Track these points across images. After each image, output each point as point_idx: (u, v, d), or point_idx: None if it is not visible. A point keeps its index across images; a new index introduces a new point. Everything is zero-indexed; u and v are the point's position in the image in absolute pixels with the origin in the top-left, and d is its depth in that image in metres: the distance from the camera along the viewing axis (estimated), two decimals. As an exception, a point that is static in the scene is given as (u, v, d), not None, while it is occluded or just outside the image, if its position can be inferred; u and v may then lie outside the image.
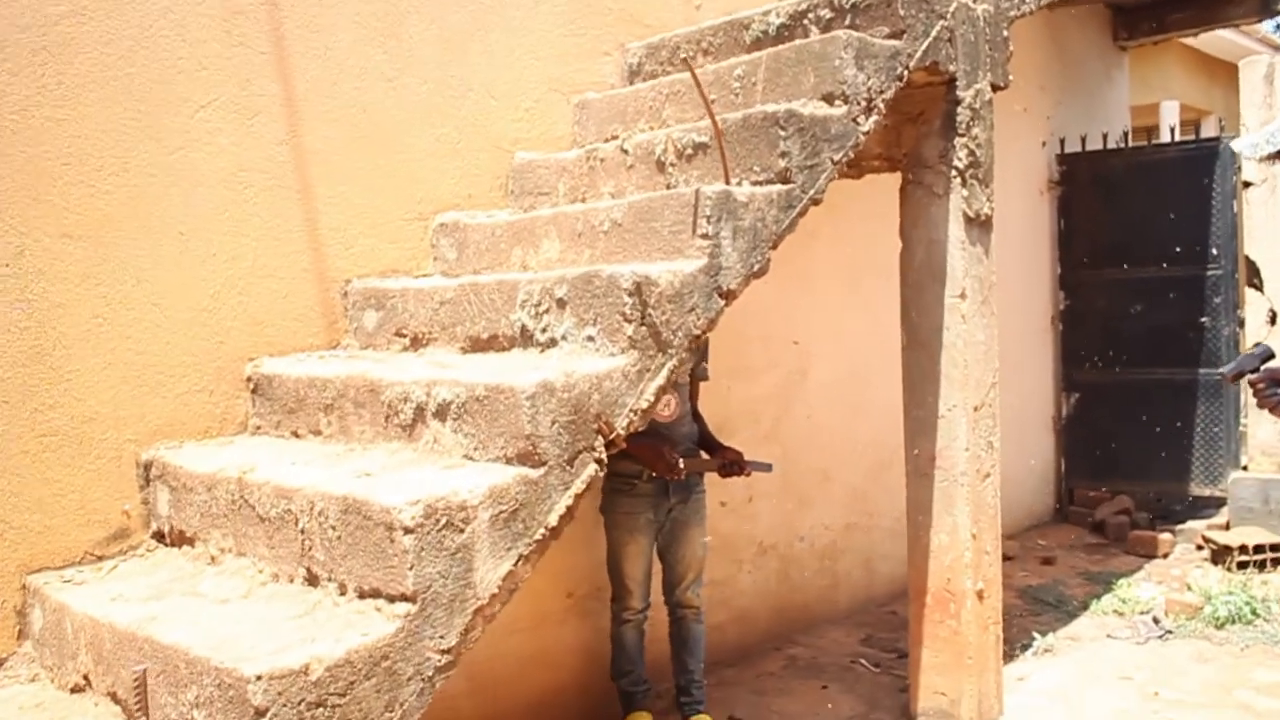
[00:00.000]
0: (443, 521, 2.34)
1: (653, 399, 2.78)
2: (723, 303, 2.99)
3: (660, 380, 2.80)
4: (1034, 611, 5.45)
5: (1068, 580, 5.91)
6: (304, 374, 3.18)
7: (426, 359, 3.21)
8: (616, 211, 3.21)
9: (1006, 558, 6.21)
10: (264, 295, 3.42)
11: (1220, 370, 3.46)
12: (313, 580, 2.56)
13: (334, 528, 2.48)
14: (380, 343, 3.48)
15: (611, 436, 2.70)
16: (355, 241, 3.64)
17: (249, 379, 3.37)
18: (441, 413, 2.73)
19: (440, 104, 3.87)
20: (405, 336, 3.39)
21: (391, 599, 2.35)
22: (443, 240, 3.80)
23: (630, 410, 2.73)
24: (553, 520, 2.56)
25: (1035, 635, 5.05)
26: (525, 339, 3.00)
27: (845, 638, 5.22)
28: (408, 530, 2.30)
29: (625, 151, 3.63)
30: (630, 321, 2.74)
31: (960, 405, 4.05)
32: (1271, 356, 3.30)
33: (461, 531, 2.38)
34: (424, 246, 3.82)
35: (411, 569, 2.30)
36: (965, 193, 3.99)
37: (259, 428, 3.36)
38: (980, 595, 4.11)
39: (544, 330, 2.95)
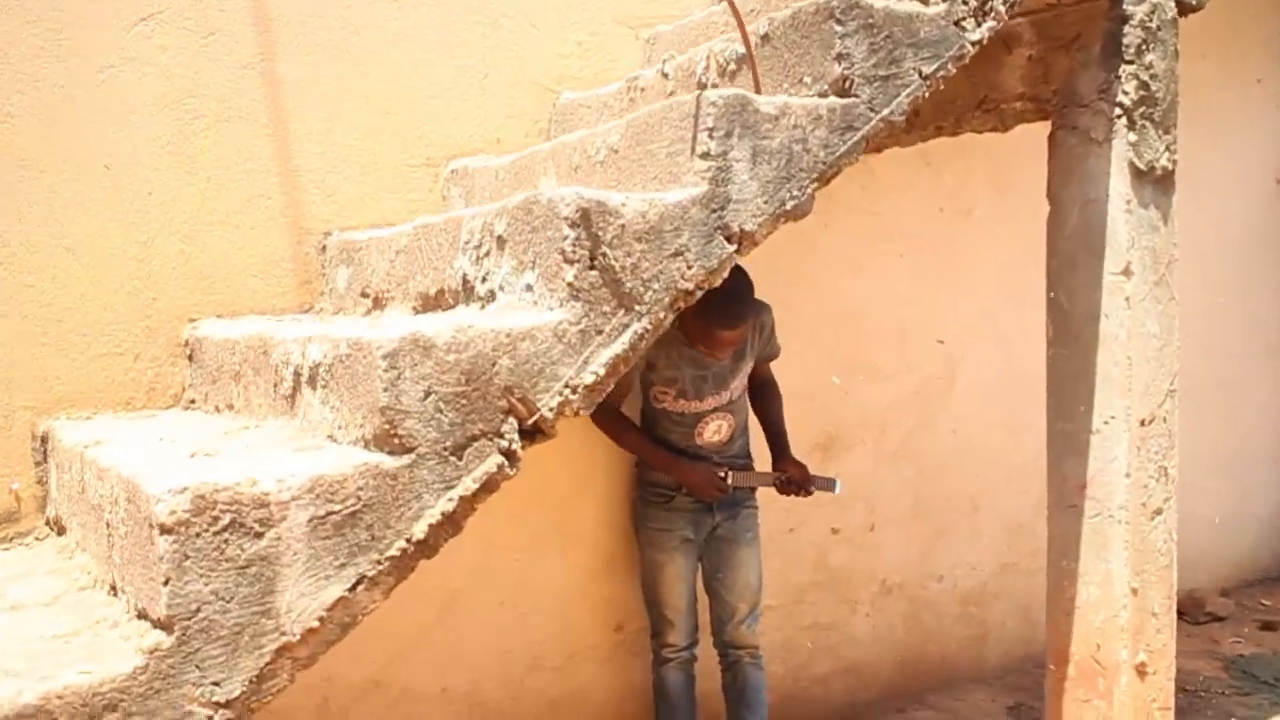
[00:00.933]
0: (224, 521, 1.64)
1: (603, 372, 1.99)
2: (731, 248, 2.17)
3: (618, 349, 2.01)
4: (1241, 689, 4.28)
5: (1294, 653, 4.68)
6: (223, 337, 2.57)
7: (379, 324, 2.53)
8: (614, 135, 2.45)
9: (1216, 618, 5.02)
10: (214, 245, 2.85)
11: None
12: (115, 589, 1.92)
13: (124, 523, 1.83)
14: (349, 304, 2.83)
15: (532, 420, 1.93)
16: (339, 188, 3.02)
17: (186, 343, 2.79)
18: (313, 378, 2.04)
19: (462, 30, 3.20)
20: (369, 296, 2.73)
21: (155, 624, 1.66)
22: (453, 189, 3.13)
23: (566, 386, 1.96)
24: (419, 531, 1.81)
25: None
26: (467, 292, 2.28)
27: (989, 702, 4.21)
28: (165, 530, 1.61)
29: (665, 75, 2.87)
30: (572, 263, 1.97)
31: (1121, 417, 3.04)
32: None
33: (259, 537, 1.67)
34: (433, 197, 3.16)
35: (167, 584, 1.61)
36: (1133, 137, 2.99)
37: (192, 401, 2.77)
38: (1141, 670, 3.08)
39: (484, 279, 2.21)
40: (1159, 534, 3.11)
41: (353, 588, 1.75)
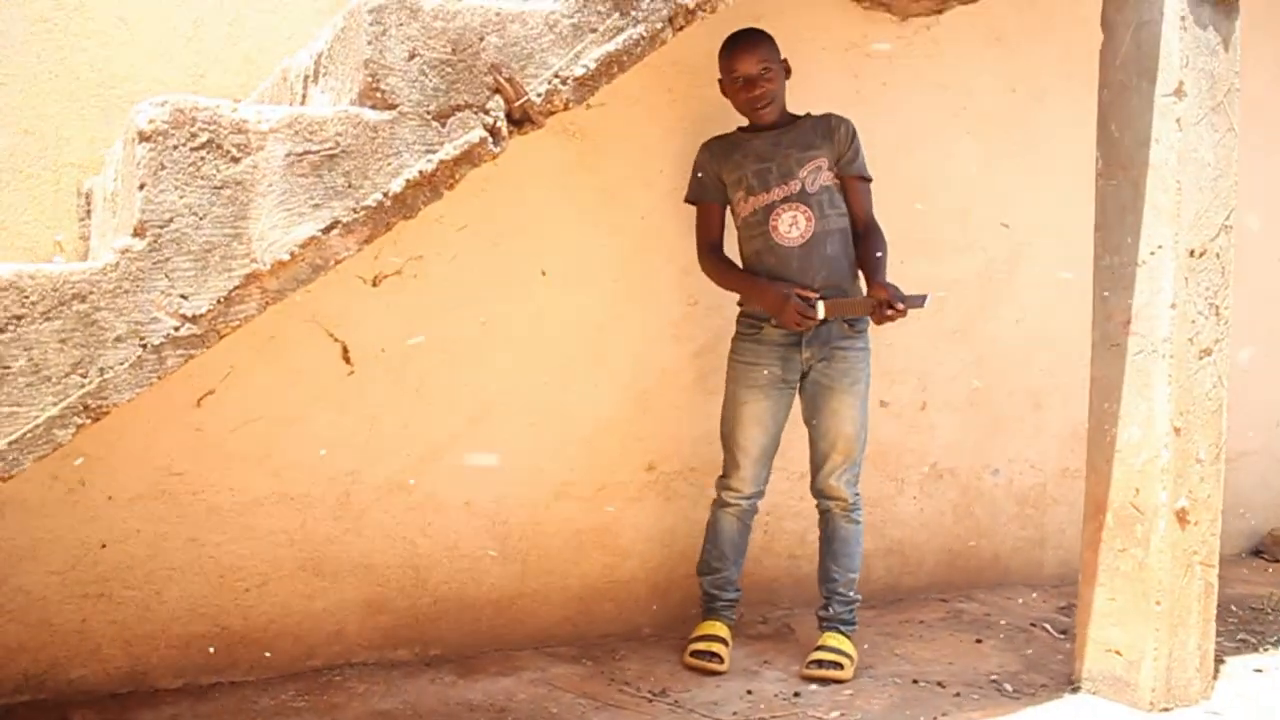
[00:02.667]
0: (202, 138, 1.69)
1: (594, 67, 2.00)
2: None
3: (611, 48, 2.02)
4: (1311, 609, 4.07)
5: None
6: (259, 91, 2.64)
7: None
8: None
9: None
10: (262, 31, 2.93)
11: None
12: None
13: (121, 166, 1.89)
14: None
15: (520, 103, 1.94)
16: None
17: (229, 121, 2.88)
18: (316, 71, 2.09)
19: None
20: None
21: (132, 232, 1.71)
22: None
23: (555, 75, 1.97)
24: (396, 186, 1.84)
25: (1299, 625, 3.72)
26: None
27: (1040, 602, 4.08)
28: (143, 137, 1.67)
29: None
30: (568, -42, 1.99)
31: (1169, 246, 2.93)
32: None
33: (235, 161, 1.72)
34: None
35: (142, 189, 1.67)
36: (1192, -49, 2.90)
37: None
38: (1182, 517, 2.95)
39: None
40: (1207, 375, 2.99)
41: (326, 229, 1.78)
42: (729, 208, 3.26)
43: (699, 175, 3.25)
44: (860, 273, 3.29)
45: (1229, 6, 2.96)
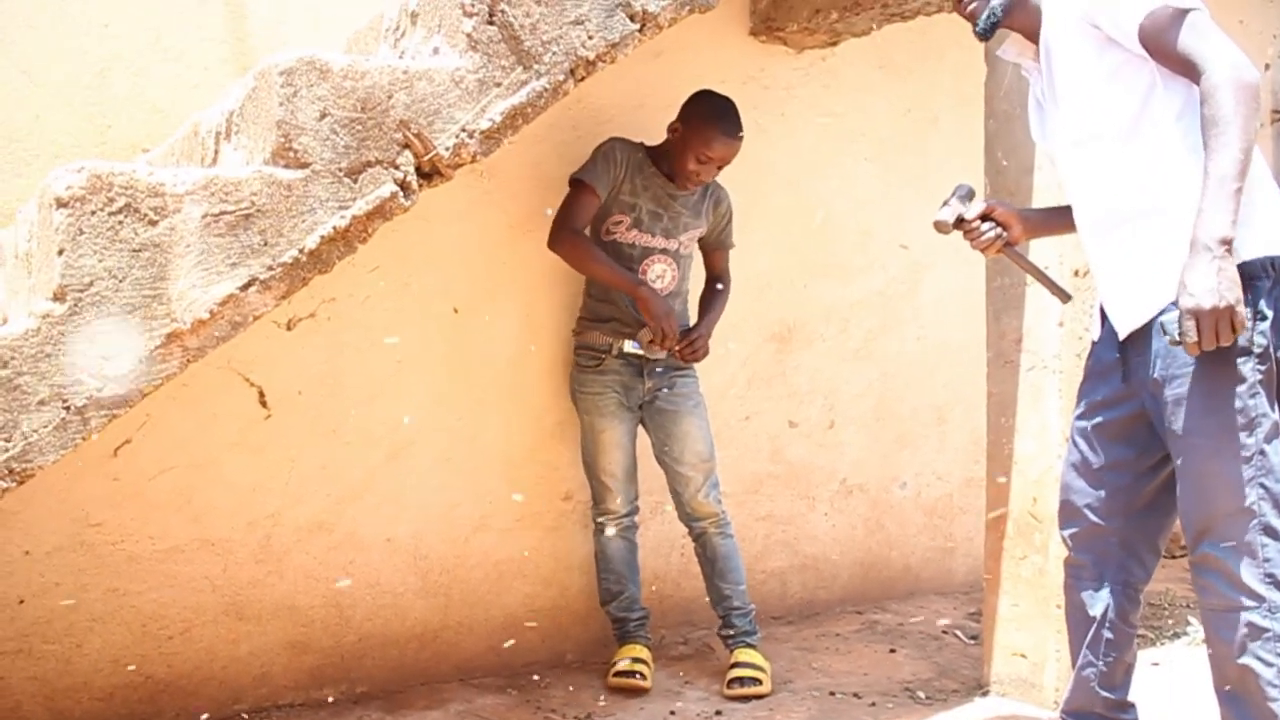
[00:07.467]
0: (119, 203, 1.73)
1: (499, 120, 2.08)
2: (635, 26, 2.25)
3: (516, 101, 2.09)
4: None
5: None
6: (168, 144, 2.67)
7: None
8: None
9: (1180, 548, 4.99)
10: (167, 80, 2.95)
11: (935, 218, 2.51)
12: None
13: (37, 235, 1.92)
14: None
15: (428, 157, 2.01)
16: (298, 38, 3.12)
17: (137, 171, 2.89)
18: (228, 130, 2.14)
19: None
20: (312, 124, 2.82)
21: (52, 297, 1.74)
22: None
23: (463, 129, 2.04)
24: (312, 242, 1.90)
25: (1192, 620, 3.90)
26: (388, 79, 2.37)
27: (951, 609, 4.22)
28: (61, 203, 1.71)
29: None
30: (471, 16, 2.06)
31: (1055, 267, 3.08)
32: (973, 194, 2.56)
33: (153, 224, 1.76)
34: (387, 56, 3.25)
35: (61, 254, 1.70)
36: (1066, -9, 3.06)
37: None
38: (1077, 522, 3.10)
39: (400, 58, 2.31)
40: (1094, 387, 3.14)
41: (244, 287, 1.83)
42: (601, 212, 3.27)
43: (605, 163, 3.21)
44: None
45: (1100, 40, 3.12)
